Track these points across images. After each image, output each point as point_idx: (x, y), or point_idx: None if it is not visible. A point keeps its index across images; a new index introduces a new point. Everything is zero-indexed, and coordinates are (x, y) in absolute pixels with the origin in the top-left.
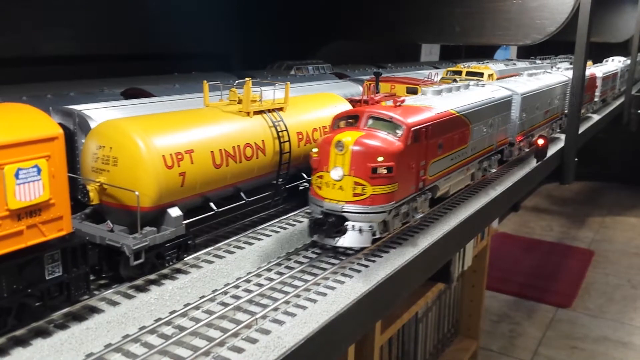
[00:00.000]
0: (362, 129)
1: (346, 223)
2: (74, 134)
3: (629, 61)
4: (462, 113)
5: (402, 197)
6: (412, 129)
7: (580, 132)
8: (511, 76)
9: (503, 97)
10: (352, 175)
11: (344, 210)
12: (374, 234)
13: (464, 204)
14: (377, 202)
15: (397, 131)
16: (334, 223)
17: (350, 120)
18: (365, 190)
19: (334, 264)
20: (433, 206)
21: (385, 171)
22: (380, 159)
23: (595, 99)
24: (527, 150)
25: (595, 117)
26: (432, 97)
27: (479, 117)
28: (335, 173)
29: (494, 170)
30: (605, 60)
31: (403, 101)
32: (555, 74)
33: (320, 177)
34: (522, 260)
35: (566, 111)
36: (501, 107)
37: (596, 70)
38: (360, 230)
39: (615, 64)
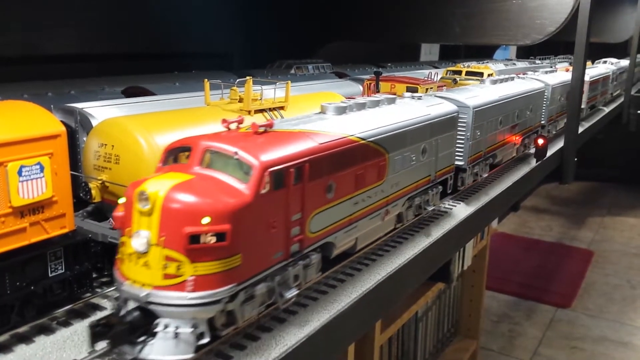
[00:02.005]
0: (192, 171)
1: (156, 321)
2: (75, 132)
3: (622, 63)
4: (372, 140)
5: (253, 273)
6: (271, 169)
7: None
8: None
9: (446, 114)
10: (162, 245)
11: (149, 300)
12: (199, 337)
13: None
14: (203, 286)
15: (247, 174)
16: (133, 322)
17: (188, 154)
18: (181, 270)
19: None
20: (337, 264)
21: (213, 239)
22: (206, 220)
23: (582, 106)
24: (485, 175)
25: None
26: (330, 118)
27: (402, 142)
28: (138, 241)
29: (432, 208)
30: (596, 62)
31: (271, 125)
32: (529, 80)
33: (123, 243)
34: (521, 260)
35: (543, 122)
36: (442, 126)
37: None
38: (177, 334)
39: (606, 66)
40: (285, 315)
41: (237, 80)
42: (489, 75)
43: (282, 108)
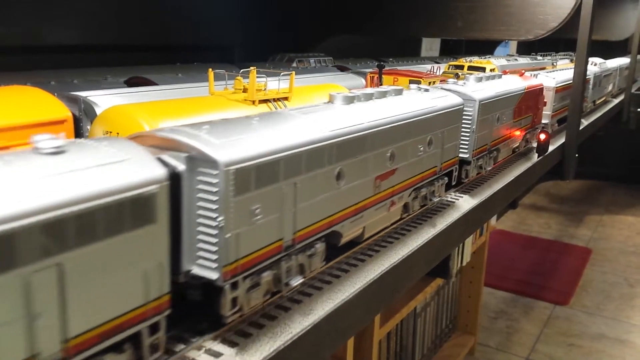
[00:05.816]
0: None
1: None
2: (79, 120)
3: (608, 64)
4: None
5: None
6: None
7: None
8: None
9: (128, 188)
10: None
11: None
12: None
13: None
14: None
15: None
16: None
17: None
18: None
19: None
20: None
21: None
22: None
23: (544, 120)
24: (297, 282)
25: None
26: None
27: None
28: None
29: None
30: None
31: None
32: (436, 94)
33: None
34: (520, 257)
35: (466, 156)
36: (110, 220)
37: (546, 79)
38: None
39: (587, 68)
40: (289, 303)
41: (242, 70)
42: (490, 70)
43: (286, 99)
